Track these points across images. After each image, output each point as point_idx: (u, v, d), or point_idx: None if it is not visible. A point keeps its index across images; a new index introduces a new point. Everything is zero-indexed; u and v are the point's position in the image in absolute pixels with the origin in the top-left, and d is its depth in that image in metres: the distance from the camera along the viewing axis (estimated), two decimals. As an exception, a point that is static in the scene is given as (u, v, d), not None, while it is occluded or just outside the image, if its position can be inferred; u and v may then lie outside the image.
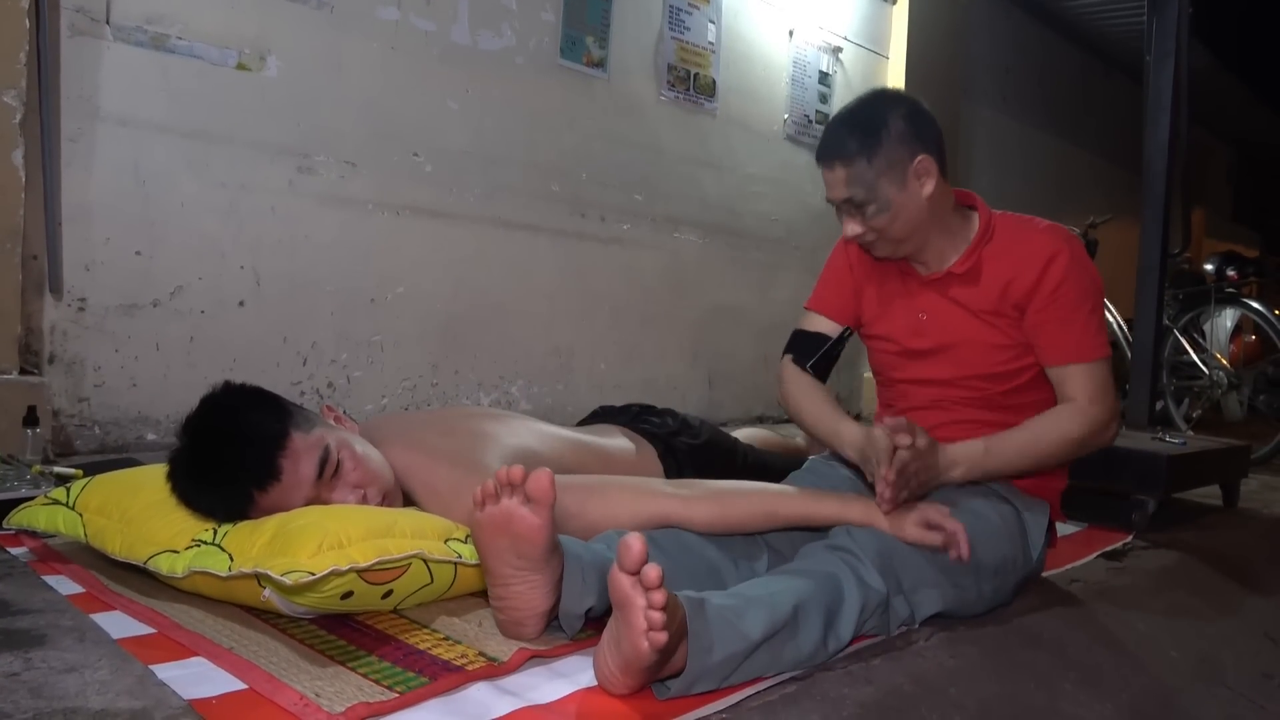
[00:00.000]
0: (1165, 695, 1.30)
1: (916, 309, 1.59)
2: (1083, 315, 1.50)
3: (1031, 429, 1.49)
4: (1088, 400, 1.48)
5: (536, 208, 3.13)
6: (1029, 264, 1.50)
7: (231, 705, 0.97)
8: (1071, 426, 1.48)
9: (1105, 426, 1.50)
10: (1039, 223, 1.56)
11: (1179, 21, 3.00)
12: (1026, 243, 1.52)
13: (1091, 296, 1.51)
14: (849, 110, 1.53)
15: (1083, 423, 1.47)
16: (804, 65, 4.14)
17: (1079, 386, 1.49)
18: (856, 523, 1.35)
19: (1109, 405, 1.50)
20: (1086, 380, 1.49)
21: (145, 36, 2.24)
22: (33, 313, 2.12)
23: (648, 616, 0.97)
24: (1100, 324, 1.52)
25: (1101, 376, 1.50)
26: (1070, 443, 1.48)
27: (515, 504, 1.11)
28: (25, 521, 1.42)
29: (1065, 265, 1.48)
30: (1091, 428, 1.48)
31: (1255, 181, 10.28)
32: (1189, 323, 4.12)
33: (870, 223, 1.50)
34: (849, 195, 1.48)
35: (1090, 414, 1.48)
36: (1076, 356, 1.49)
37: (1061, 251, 1.49)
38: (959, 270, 1.54)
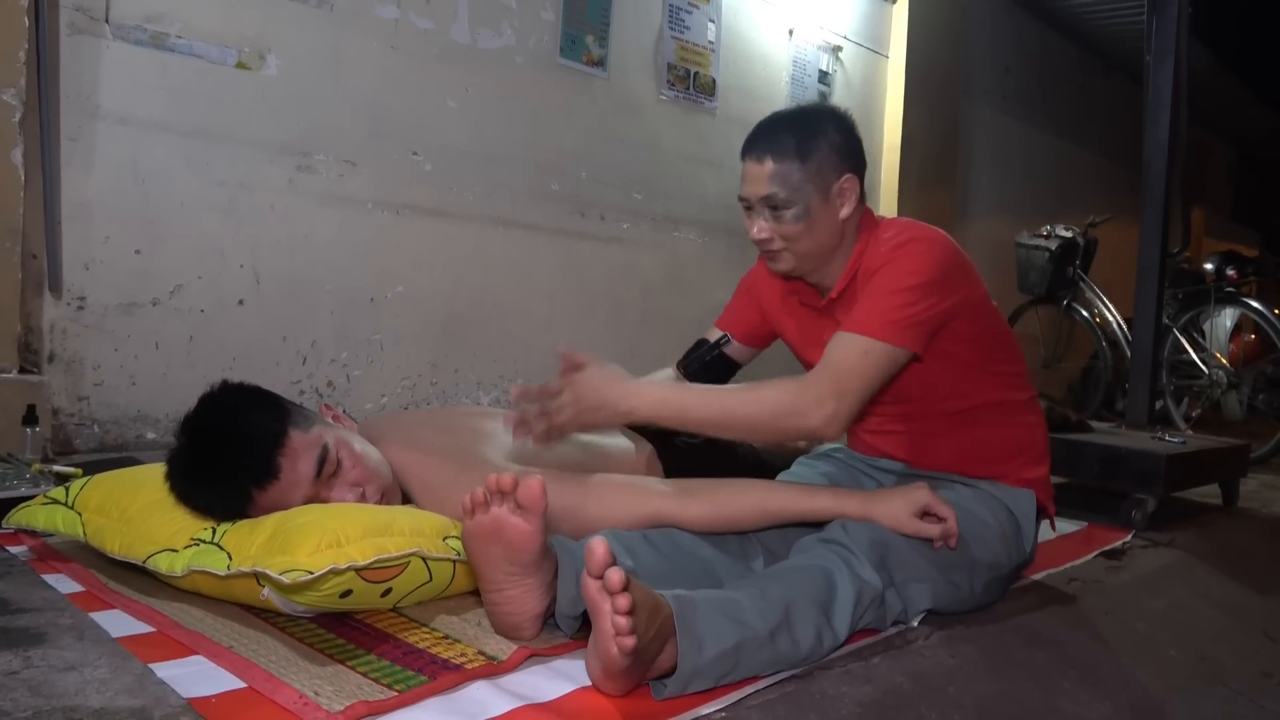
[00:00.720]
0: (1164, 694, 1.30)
1: (819, 338, 1.50)
2: (885, 291, 1.35)
3: (734, 388, 1.38)
4: (818, 371, 1.34)
5: (536, 206, 3.13)
6: (878, 261, 1.41)
7: (231, 704, 0.97)
8: (773, 392, 1.32)
9: (815, 403, 1.29)
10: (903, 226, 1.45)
11: (1179, 21, 3.00)
12: (885, 242, 1.42)
13: (911, 279, 1.35)
14: (788, 112, 1.50)
15: (789, 393, 1.31)
16: (804, 64, 4.14)
17: (833, 349, 1.34)
18: (853, 516, 1.34)
19: (836, 383, 1.30)
20: (834, 350, 1.34)
21: (145, 35, 2.23)
22: (32, 311, 2.12)
23: (614, 621, 0.96)
24: (903, 309, 1.34)
25: (855, 355, 1.32)
26: (763, 409, 1.32)
27: (505, 512, 1.10)
28: (24, 520, 1.41)
29: (895, 254, 1.38)
30: (796, 401, 1.30)
31: (1255, 181, 10.28)
32: (1188, 322, 4.13)
33: (783, 228, 1.43)
34: (771, 192, 1.41)
35: (805, 385, 1.32)
36: (848, 325, 1.35)
37: (901, 244, 1.39)
38: (835, 295, 1.49)
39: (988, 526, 1.44)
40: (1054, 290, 4.35)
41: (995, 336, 1.51)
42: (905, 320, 1.34)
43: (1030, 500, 1.54)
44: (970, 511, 1.43)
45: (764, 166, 1.42)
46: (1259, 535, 2.43)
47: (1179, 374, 4.15)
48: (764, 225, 1.45)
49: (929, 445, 1.56)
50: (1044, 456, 1.60)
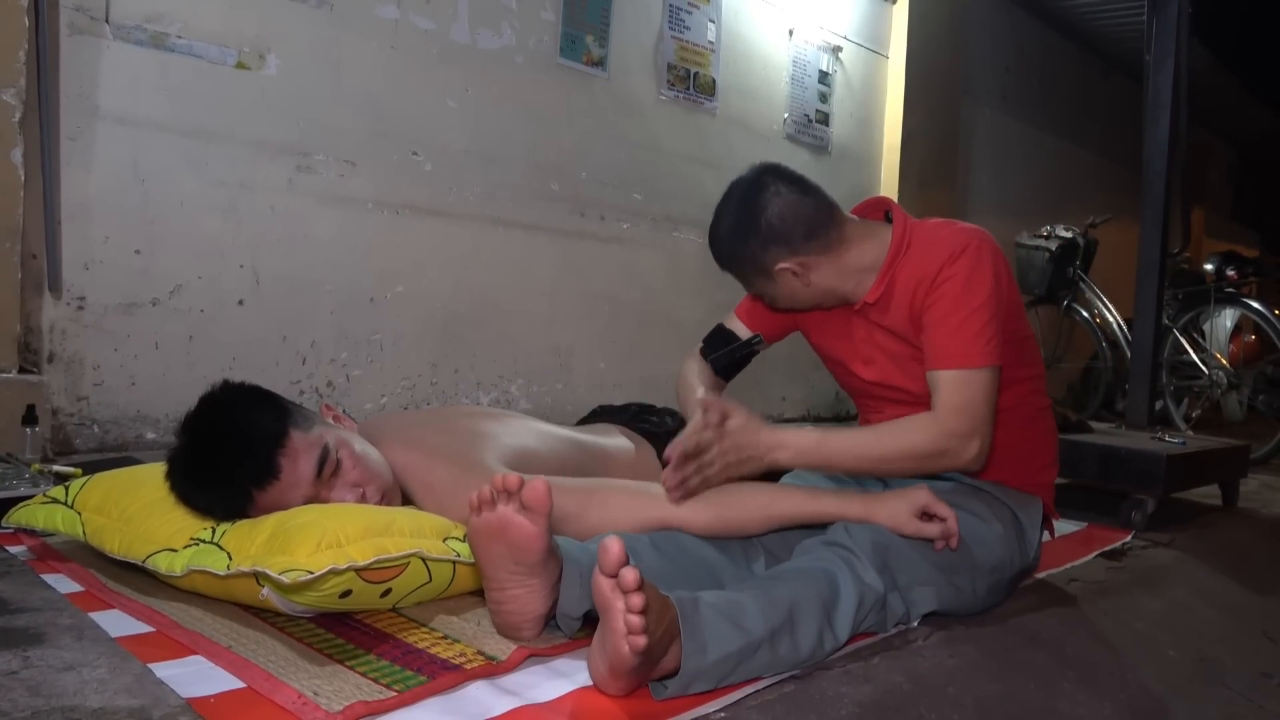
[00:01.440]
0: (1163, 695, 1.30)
1: (858, 339, 1.56)
2: (959, 316, 1.38)
3: (875, 431, 1.42)
4: (948, 410, 1.36)
5: (536, 207, 3.13)
6: (928, 271, 1.42)
7: (230, 704, 0.97)
8: (919, 438, 1.36)
9: (962, 442, 1.35)
10: (951, 226, 1.48)
11: (1178, 21, 3.00)
12: (931, 249, 1.44)
13: (979, 296, 1.38)
14: (717, 220, 1.55)
15: (934, 435, 1.35)
16: (804, 64, 4.14)
17: (942, 395, 1.37)
18: (855, 519, 1.34)
19: (972, 419, 1.35)
20: (952, 389, 1.37)
21: (145, 35, 2.23)
22: (32, 311, 2.12)
23: (626, 620, 0.97)
24: (984, 330, 1.37)
25: (973, 387, 1.36)
26: (913, 455, 1.36)
27: (510, 511, 1.10)
28: (24, 520, 1.41)
29: (952, 264, 1.40)
30: (942, 442, 1.35)
31: (1255, 181, 10.27)
32: (1189, 322, 4.13)
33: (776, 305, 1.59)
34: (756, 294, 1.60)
35: (945, 426, 1.35)
36: (945, 361, 1.38)
37: (955, 253, 1.41)
38: (872, 299, 1.49)
39: (991, 529, 1.44)
40: (1054, 291, 4.35)
41: (1021, 340, 1.53)
42: (990, 338, 1.38)
43: (1037, 506, 1.55)
44: (973, 513, 1.43)
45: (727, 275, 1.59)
46: (1259, 536, 2.43)
47: (1179, 374, 4.15)
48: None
49: None
50: (1054, 464, 1.61)
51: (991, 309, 1.39)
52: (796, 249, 1.46)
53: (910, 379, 1.50)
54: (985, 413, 1.37)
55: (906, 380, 1.50)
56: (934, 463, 1.38)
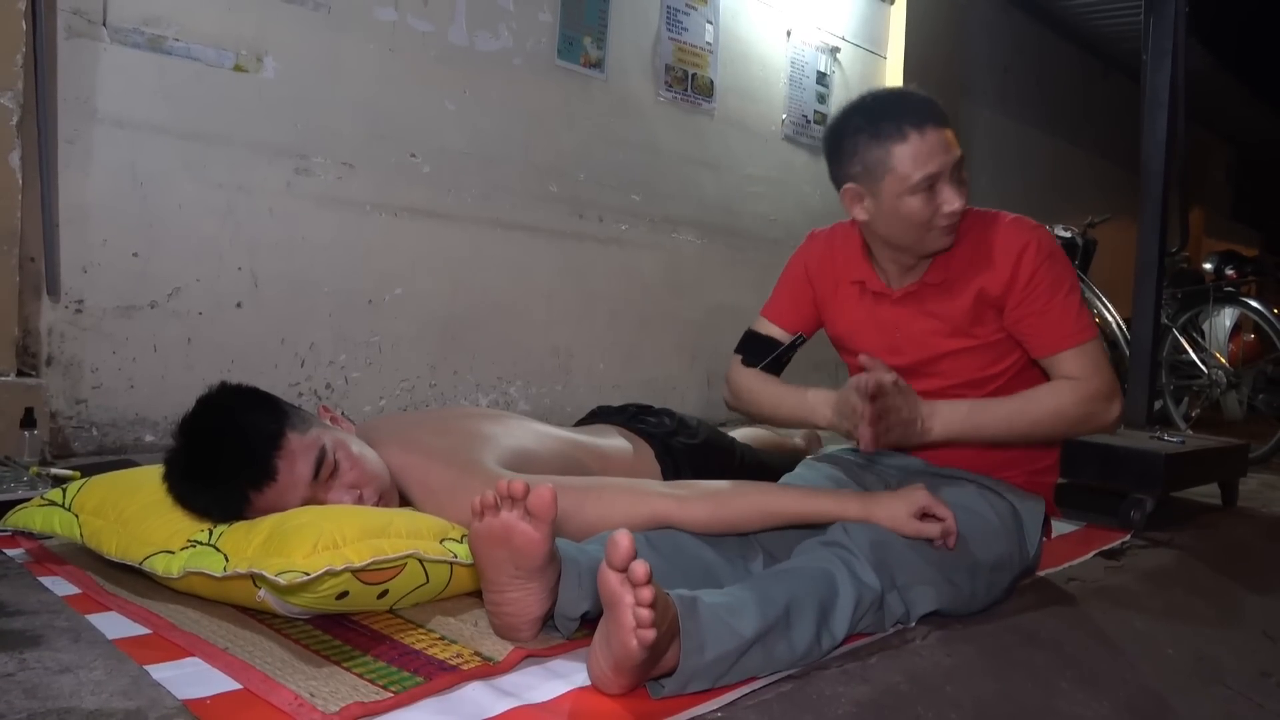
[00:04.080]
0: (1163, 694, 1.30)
1: (890, 326, 1.55)
2: (1059, 301, 1.45)
3: (1023, 397, 1.46)
4: (1086, 376, 1.44)
5: (534, 208, 3.13)
6: (999, 262, 1.46)
7: (226, 705, 0.97)
8: (1066, 400, 1.43)
9: (1106, 402, 1.44)
10: (1003, 217, 1.52)
11: (1176, 21, 3.00)
12: (993, 240, 1.48)
13: (1065, 280, 1.46)
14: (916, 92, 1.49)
15: (1080, 396, 1.43)
16: (802, 65, 4.14)
17: (1077, 367, 1.44)
18: (853, 519, 1.34)
19: (1106, 380, 1.44)
20: (1078, 361, 1.45)
21: (142, 38, 2.24)
22: (30, 314, 2.12)
23: (636, 614, 0.97)
24: (1079, 305, 1.47)
25: (1094, 355, 1.46)
26: (1064, 416, 1.44)
27: (515, 518, 1.10)
28: (22, 523, 1.41)
29: (1034, 256, 1.45)
30: (1089, 403, 1.43)
31: (1254, 180, 10.28)
32: (1188, 321, 4.12)
33: (964, 193, 1.42)
34: (961, 153, 1.41)
35: (1090, 388, 1.43)
36: (1063, 343, 1.45)
37: (1029, 243, 1.46)
38: (934, 280, 1.50)
39: (990, 525, 1.44)
40: (1053, 290, 4.34)
41: None
42: (1088, 314, 1.48)
43: (1039, 506, 1.56)
44: (973, 510, 1.43)
45: (949, 130, 1.41)
46: (1258, 535, 2.43)
47: (1178, 374, 4.15)
48: (958, 195, 1.40)
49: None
50: (1055, 466, 1.62)
51: (1079, 289, 1.48)
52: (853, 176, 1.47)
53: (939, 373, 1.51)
54: (1113, 375, 1.46)
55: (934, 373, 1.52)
56: (1081, 425, 1.45)
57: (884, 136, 1.39)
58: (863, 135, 1.43)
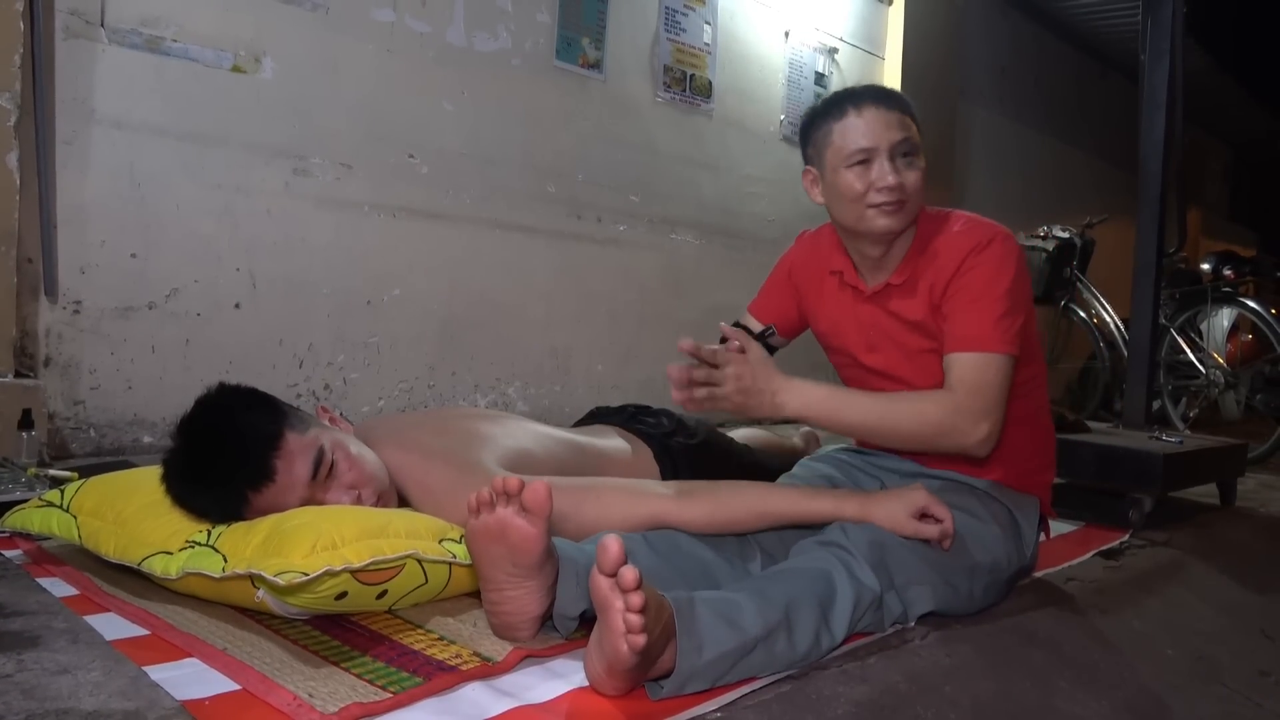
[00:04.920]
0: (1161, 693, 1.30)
1: (867, 324, 1.54)
2: (984, 302, 1.38)
3: (889, 397, 1.42)
4: (963, 389, 1.36)
5: (533, 209, 3.13)
6: (949, 260, 1.43)
7: (225, 706, 0.97)
8: (932, 409, 1.36)
9: (972, 422, 1.35)
10: (967, 219, 1.49)
11: (1173, 21, 3.00)
12: (949, 240, 1.45)
13: (999, 286, 1.39)
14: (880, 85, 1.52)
15: (947, 409, 1.35)
16: (800, 66, 4.14)
17: (959, 375, 1.37)
18: (851, 519, 1.34)
19: (986, 401, 1.35)
20: (968, 370, 1.37)
21: (140, 39, 2.24)
22: (28, 316, 2.12)
23: (625, 619, 0.96)
24: (1002, 317, 1.38)
25: (988, 369, 1.36)
26: (925, 423, 1.36)
27: (510, 514, 1.10)
28: (20, 524, 1.41)
29: (980, 254, 1.41)
30: (954, 416, 1.35)
31: (1252, 181, 10.29)
32: (1186, 322, 4.13)
33: (909, 177, 1.42)
34: (906, 137, 1.42)
35: (959, 402, 1.35)
36: (964, 344, 1.38)
37: (981, 242, 1.42)
38: (897, 281, 1.49)
39: (987, 528, 1.44)
40: (1051, 291, 4.35)
41: (1030, 337, 1.52)
42: (1011, 327, 1.38)
43: (1034, 506, 1.55)
44: (971, 513, 1.43)
45: (893, 113, 1.42)
46: (1256, 535, 2.43)
47: (1176, 374, 4.16)
48: (893, 173, 1.40)
49: None
50: (1051, 464, 1.61)
51: (1013, 300, 1.40)
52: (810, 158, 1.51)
53: (916, 371, 1.49)
54: (998, 398, 1.37)
55: (912, 372, 1.50)
56: (941, 438, 1.37)
57: (829, 116, 1.47)
58: (816, 118, 1.50)
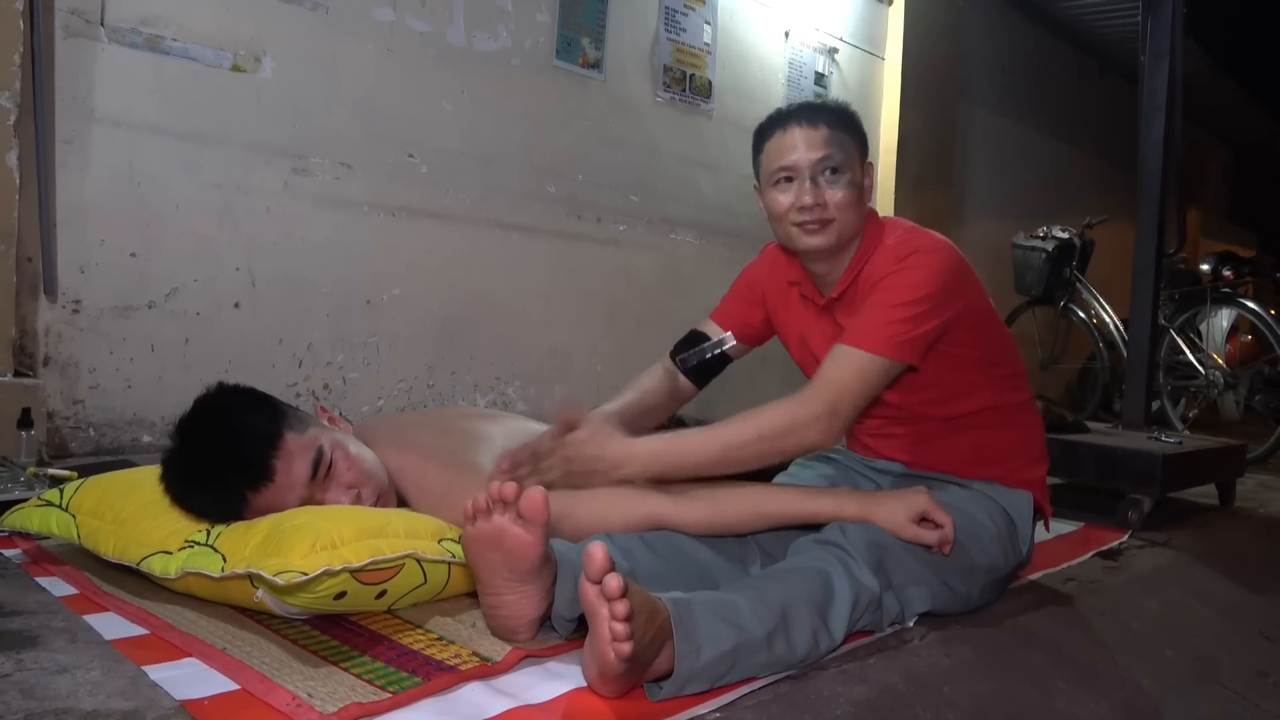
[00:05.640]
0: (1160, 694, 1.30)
1: (825, 337, 1.52)
2: (879, 309, 1.36)
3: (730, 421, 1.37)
4: (812, 384, 1.35)
5: (532, 209, 3.13)
6: (877, 273, 1.41)
7: (224, 706, 0.97)
8: (770, 417, 1.33)
9: (810, 416, 1.31)
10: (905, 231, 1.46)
11: (1173, 22, 3.01)
12: (883, 252, 1.43)
13: (904, 293, 1.35)
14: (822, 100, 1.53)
15: (785, 411, 1.33)
16: (800, 66, 4.14)
17: (828, 366, 1.35)
18: (851, 518, 1.34)
19: (832, 397, 1.32)
20: (831, 364, 1.35)
21: (140, 38, 2.23)
22: (27, 315, 2.11)
23: (611, 627, 0.96)
24: (897, 324, 1.34)
25: (851, 368, 1.33)
26: (763, 435, 1.33)
27: (507, 521, 1.10)
28: (19, 523, 1.41)
29: (901, 263, 1.38)
30: (791, 418, 1.32)
31: (1252, 182, 10.29)
32: (1185, 322, 4.13)
33: (835, 195, 1.40)
34: (828, 153, 1.40)
35: (800, 400, 1.33)
36: (848, 339, 1.36)
37: (903, 255, 1.39)
38: (836, 294, 1.48)
39: (984, 529, 1.44)
40: (1051, 291, 4.36)
41: (994, 340, 1.51)
42: (904, 335, 1.35)
43: (1027, 502, 1.54)
44: (967, 514, 1.43)
45: (818, 131, 1.41)
46: (1255, 535, 2.43)
47: (1176, 374, 4.16)
48: (816, 191, 1.40)
49: (927, 447, 1.56)
50: (1042, 458, 1.60)
51: (920, 309, 1.35)
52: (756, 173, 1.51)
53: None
54: (847, 395, 1.33)
55: None
56: (784, 440, 1.34)
57: (763, 134, 1.48)
58: (755, 136, 1.51)
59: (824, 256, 1.47)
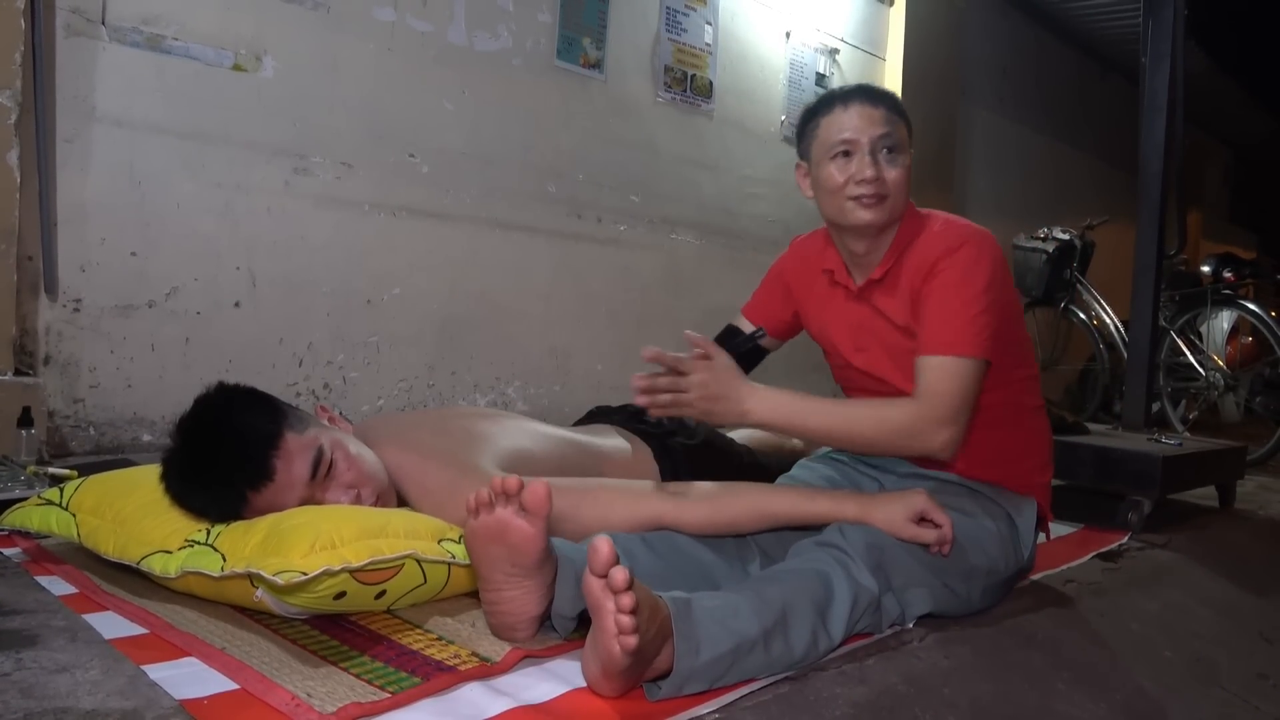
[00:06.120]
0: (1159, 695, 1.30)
1: (853, 322, 1.56)
2: (954, 306, 1.39)
3: (853, 402, 1.45)
4: (928, 394, 1.37)
5: (533, 209, 3.13)
6: (927, 261, 1.44)
7: (223, 705, 0.97)
8: (895, 414, 1.38)
9: (935, 427, 1.35)
10: (948, 220, 1.51)
11: (1174, 23, 3.00)
12: (929, 239, 1.46)
13: (971, 289, 1.39)
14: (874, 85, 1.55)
15: (910, 415, 1.37)
16: (801, 67, 4.14)
17: (925, 379, 1.38)
18: (850, 519, 1.34)
19: (951, 406, 1.36)
20: (936, 375, 1.38)
21: (141, 37, 2.23)
22: (28, 314, 2.11)
23: (617, 620, 0.97)
24: (973, 320, 1.38)
25: (955, 373, 1.37)
26: (886, 430, 1.37)
27: (510, 514, 1.11)
28: (19, 522, 1.41)
29: (956, 255, 1.41)
30: (917, 424, 1.36)
31: (1252, 183, 10.28)
32: (1186, 324, 4.13)
33: (892, 174, 1.44)
34: (888, 132, 1.44)
35: (922, 408, 1.36)
36: (934, 348, 1.39)
37: (958, 244, 1.42)
38: (877, 276, 1.50)
39: (986, 531, 1.44)
40: (1051, 292, 4.35)
41: (1017, 340, 1.53)
42: (982, 331, 1.39)
43: (1032, 507, 1.55)
44: (969, 516, 1.43)
45: (879, 110, 1.46)
46: (1255, 537, 2.43)
47: (1176, 376, 4.15)
48: (876, 166, 1.43)
49: None
50: (1048, 464, 1.61)
51: (985, 303, 1.40)
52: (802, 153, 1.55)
53: (902, 373, 1.48)
54: (963, 403, 1.37)
55: (897, 374, 1.50)
56: (904, 443, 1.39)
57: (819, 111, 1.52)
58: (808, 114, 1.54)
59: (871, 234, 1.49)
